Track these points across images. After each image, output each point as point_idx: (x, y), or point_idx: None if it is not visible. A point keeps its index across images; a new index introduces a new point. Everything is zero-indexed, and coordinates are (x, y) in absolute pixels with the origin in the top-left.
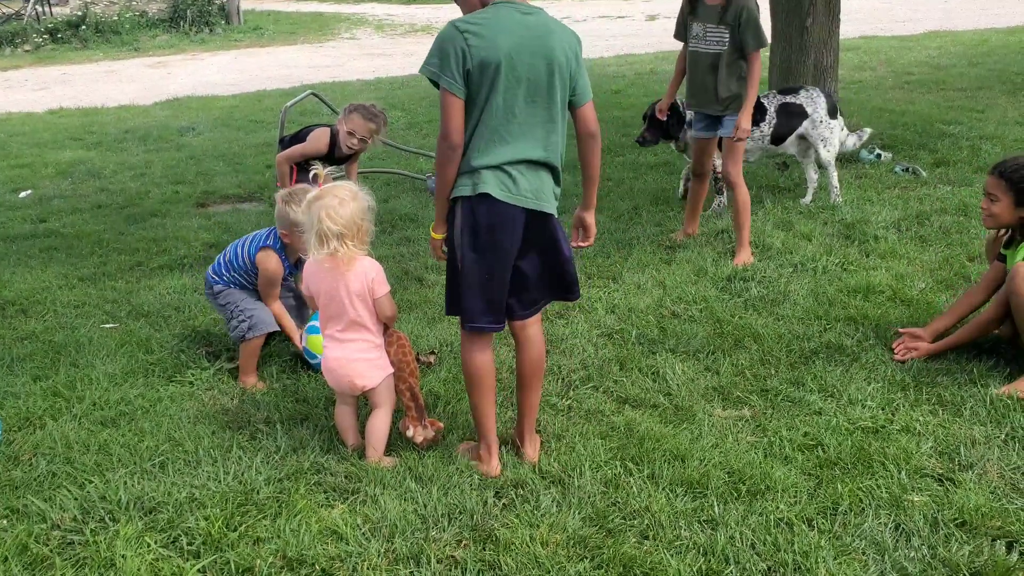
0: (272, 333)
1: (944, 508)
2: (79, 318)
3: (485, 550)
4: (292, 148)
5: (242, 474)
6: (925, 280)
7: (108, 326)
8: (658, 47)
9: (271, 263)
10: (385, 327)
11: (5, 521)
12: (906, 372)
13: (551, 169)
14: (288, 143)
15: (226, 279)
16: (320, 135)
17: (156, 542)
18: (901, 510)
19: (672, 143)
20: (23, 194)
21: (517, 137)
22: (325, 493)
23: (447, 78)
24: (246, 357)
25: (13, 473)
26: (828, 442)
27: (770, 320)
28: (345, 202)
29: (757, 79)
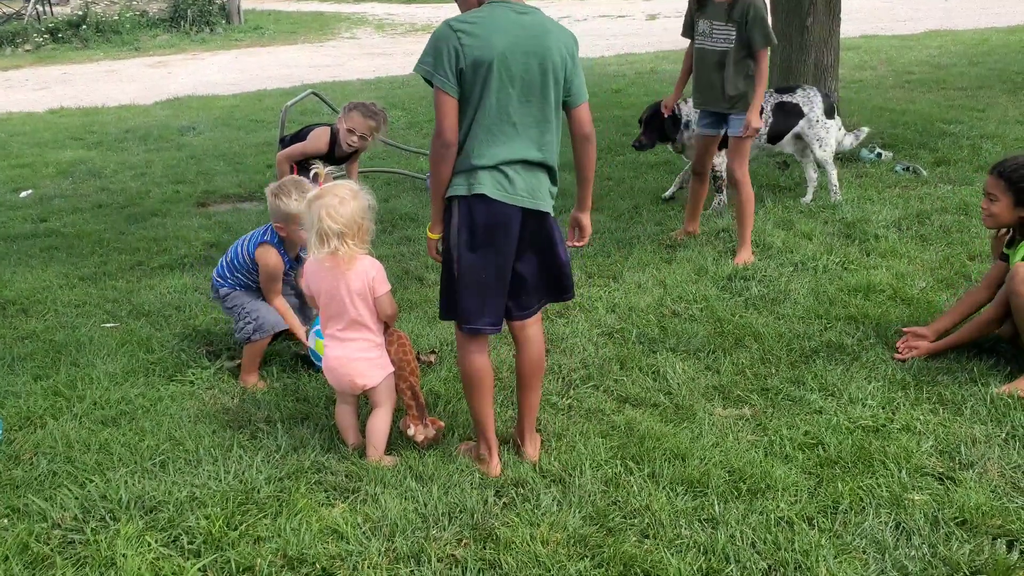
0: (277, 334)
1: (945, 507)
2: (80, 317)
3: (486, 549)
4: (292, 147)
5: (243, 473)
6: (926, 279)
7: (109, 325)
8: (658, 46)
9: (270, 258)
10: (386, 326)
11: (6, 520)
12: (906, 371)
13: (547, 169)
14: (288, 142)
15: (231, 281)
16: (320, 134)
17: (157, 541)
18: (901, 509)
19: (669, 144)
20: (24, 194)
21: (512, 137)
22: (326, 492)
23: (440, 77)
24: (249, 357)
25: (14, 472)
26: (828, 441)
27: (771, 319)
28: (345, 201)
29: (765, 77)
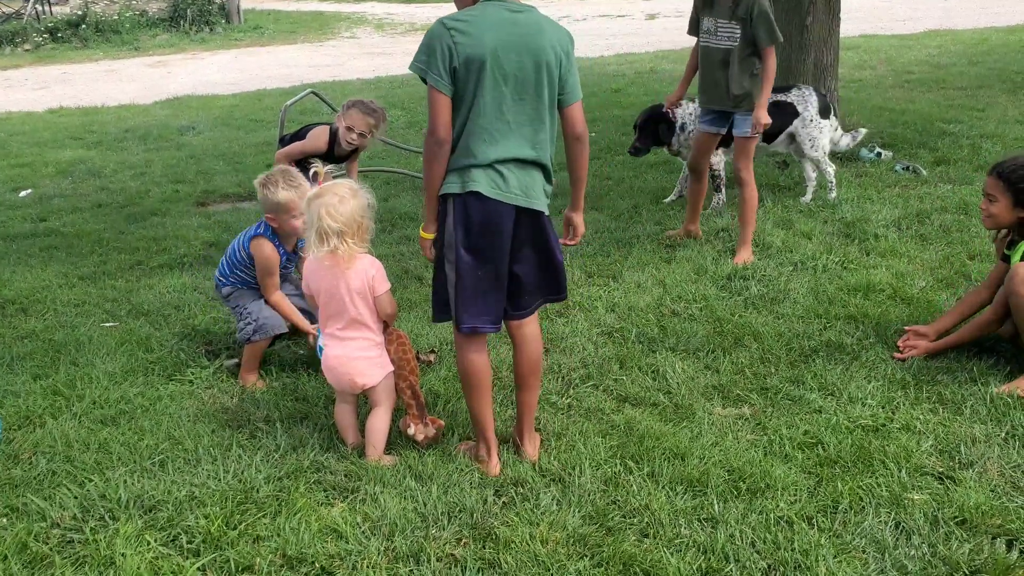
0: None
1: (944, 506)
2: (79, 317)
3: (485, 548)
4: (291, 145)
5: (242, 472)
6: (925, 278)
7: (108, 325)
8: (658, 46)
9: (265, 250)
10: (385, 325)
11: (5, 519)
12: (906, 370)
13: (541, 167)
14: (288, 142)
15: (232, 280)
16: (319, 133)
17: (156, 540)
18: (901, 508)
19: (665, 148)
20: (23, 193)
21: (506, 135)
22: (325, 491)
23: (434, 75)
24: (249, 357)
25: (13, 471)
26: (828, 440)
27: (770, 318)
28: (345, 200)
29: (771, 75)
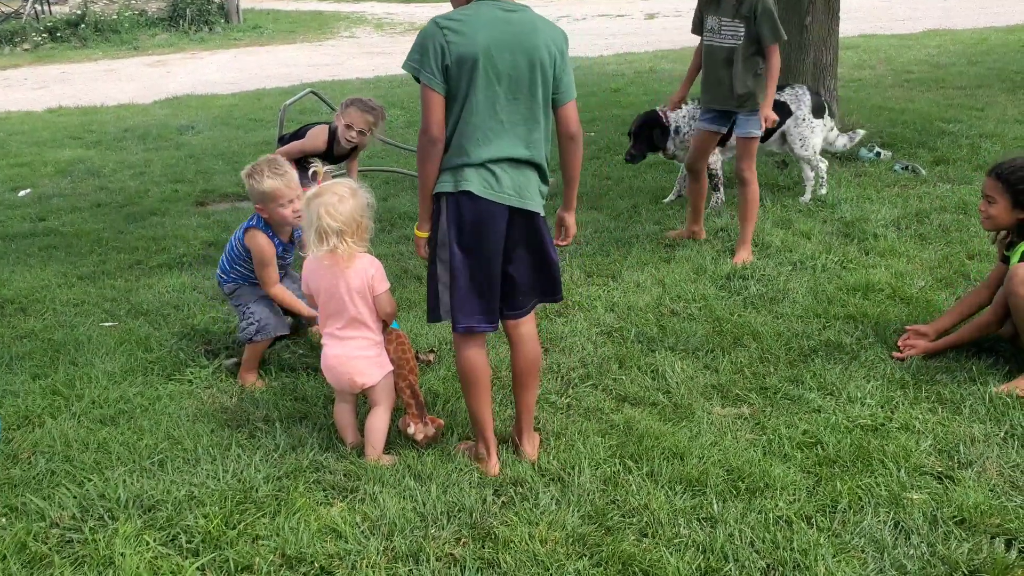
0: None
1: (943, 506)
2: (78, 316)
3: (484, 548)
4: (290, 144)
5: (241, 472)
6: (924, 278)
7: (107, 324)
8: (657, 46)
9: (259, 241)
10: (384, 325)
11: (4, 519)
12: (905, 370)
13: (536, 167)
14: (287, 141)
15: (233, 275)
16: (319, 132)
17: (155, 540)
18: (900, 508)
19: (660, 153)
20: (22, 193)
21: (499, 134)
22: (324, 491)
23: (427, 74)
24: (250, 356)
25: (12, 471)
26: (827, 440)
27: (769, 318)
28: (344, 199)
29: (776, 73)
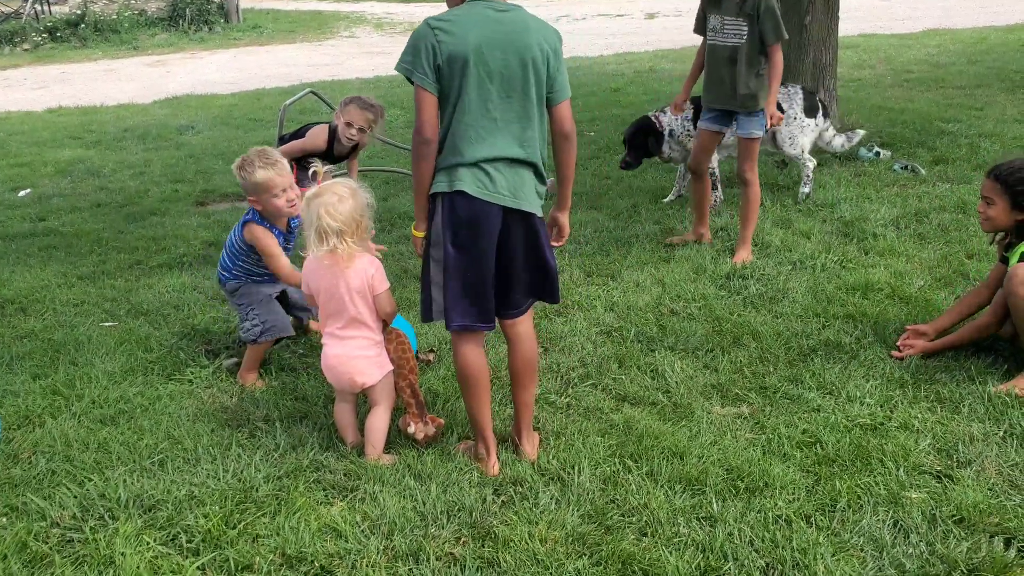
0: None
1: (942, 505)
2: (78, 316)
3: (484, 547)
4: (290, 144)
5: (241, 472)
6: (924, 278)
7: (107, 324)
8: (657, 45)
9: (257, 233)
10: (384, 324)
11: (5, 519)
12: (904, 369)
13: (531, 166)
14: (287, 141)
15: (236, 272)
16: (318, 132)
17: (155, 540)
18: (899, 507)
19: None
20: (22, 193)
21: (492, 132)
22: (324, 491)
23: (419, 74)
24: (251, 357)
25: (12, 471)
26: (826, 439)
27: (769, 318)
28: (344, 199)
29: (779, 72)
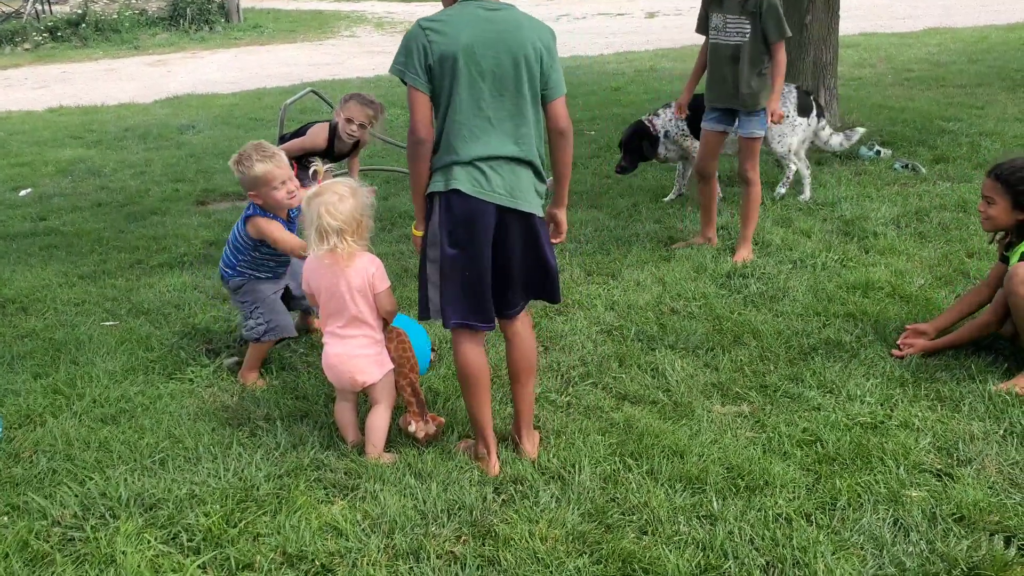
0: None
1: (942, 503)
2: (79, 316)
3: (484, 546)
4: (291, 142)
5: (242, 471)
6: (924, 276)
7: (108, 324)
8: (657, 44)
9: (261, 224)
10: (385, 323)
11: (6, 518)
12: (905, 368)
13: (529, 165)
14: (288, 140)
15: (240, 268)
16: (319, 130)
17: (156, 538)
18: (899, 505)
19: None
20: (23, 192)
21: (486, 131)
22: (325, 489)
23: (411, 74)
24: (253, 355)
25: (14, 470)
26: (827, 438)
27: (769, 316)
28: (344, 198)
29: (782, 70)
